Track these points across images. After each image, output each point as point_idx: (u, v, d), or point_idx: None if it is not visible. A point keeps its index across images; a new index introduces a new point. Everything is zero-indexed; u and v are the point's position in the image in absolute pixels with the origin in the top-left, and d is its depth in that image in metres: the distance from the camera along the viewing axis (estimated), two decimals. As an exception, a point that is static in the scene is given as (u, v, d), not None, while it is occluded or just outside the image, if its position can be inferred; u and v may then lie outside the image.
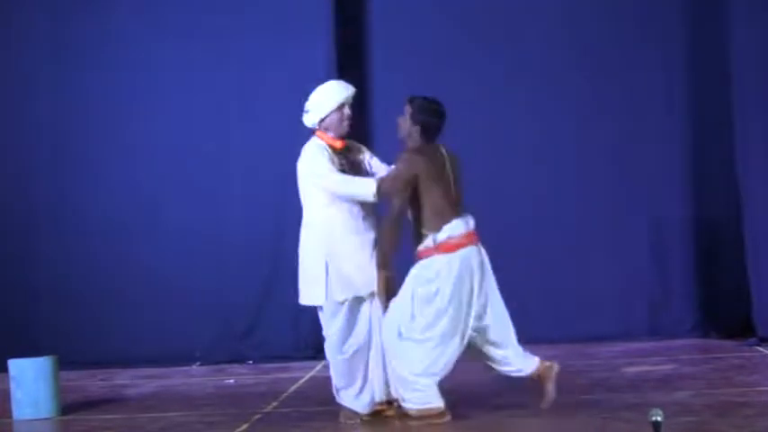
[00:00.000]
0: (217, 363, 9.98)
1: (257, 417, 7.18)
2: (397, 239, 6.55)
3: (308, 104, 6.71)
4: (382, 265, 6.54)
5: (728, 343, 9.55)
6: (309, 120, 6.72)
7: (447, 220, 6.53)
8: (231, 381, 9.06)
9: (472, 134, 9.83)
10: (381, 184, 6.54)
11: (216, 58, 10.17)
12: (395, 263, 6.61)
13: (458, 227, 6.54)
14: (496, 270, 10.01)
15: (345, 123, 6.69)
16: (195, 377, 9.46)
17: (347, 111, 6.69)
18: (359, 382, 6.65)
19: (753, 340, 9.38)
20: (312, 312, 6.82)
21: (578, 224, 10.16)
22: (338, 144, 6.69)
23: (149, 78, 10.27)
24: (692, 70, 10.13)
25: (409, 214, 6.60)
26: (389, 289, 6.55)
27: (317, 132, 6.71)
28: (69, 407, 7.87)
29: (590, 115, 10.18)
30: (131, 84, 10.27)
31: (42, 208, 10.30)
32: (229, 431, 6.74)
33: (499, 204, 10.08)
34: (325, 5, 10.07)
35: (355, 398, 6.67)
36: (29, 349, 8.56)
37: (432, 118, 6.63)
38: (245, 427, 6.85)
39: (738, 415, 6.30)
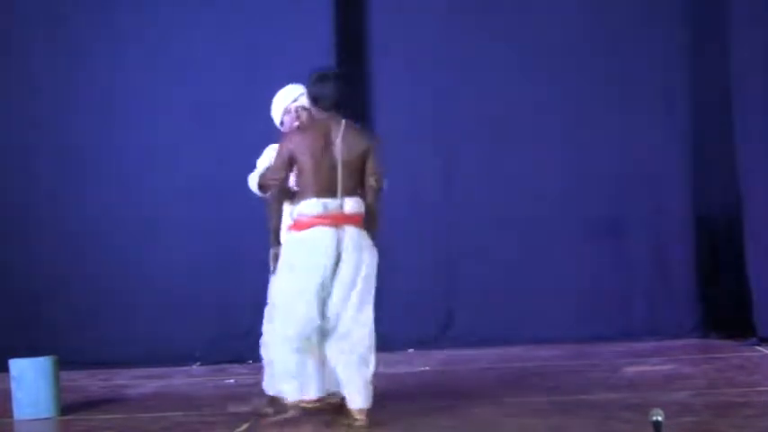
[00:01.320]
0: (217, 363, 9.97)
1: (257, 417, 7.16)
2: (280, 215, 6.55)
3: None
4: (272, 241, 6.55)
5: (728, 343, 9.54)
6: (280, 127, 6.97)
7: (307, 197, 6.37)
8: (231, 381, 9.06)
9: (470, 128, 9.81)
10: (260, 177, 6.68)
11: (215, 56, 10.16)
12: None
13: (313, 206, 6.34)
14: (496, 269, 10.09)
15: (297, 124, 6.81)
16: (195, 377, 9.46)
17: (294, 113, 6.83)
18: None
19: (753, 340, 9.38)
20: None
21: (578, 224, 10.14)
22: None
23: (149, 77, 10.25)
24: (692, 70, 10.12)
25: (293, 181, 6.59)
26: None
27: None
28: (69, 407, 7.86)
29: (590, 115, 10.16)
30: (131, 83, 10.26)
31: (42, 208, 10.29)
32: (229, 431, 6.74)
33: (497, 203, 10.10)
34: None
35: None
36: (29, 349, 8.56)
37: (316, 87, 6.52)
38: (245, 427, 6.83)
39: (738, 415, 6.30)
